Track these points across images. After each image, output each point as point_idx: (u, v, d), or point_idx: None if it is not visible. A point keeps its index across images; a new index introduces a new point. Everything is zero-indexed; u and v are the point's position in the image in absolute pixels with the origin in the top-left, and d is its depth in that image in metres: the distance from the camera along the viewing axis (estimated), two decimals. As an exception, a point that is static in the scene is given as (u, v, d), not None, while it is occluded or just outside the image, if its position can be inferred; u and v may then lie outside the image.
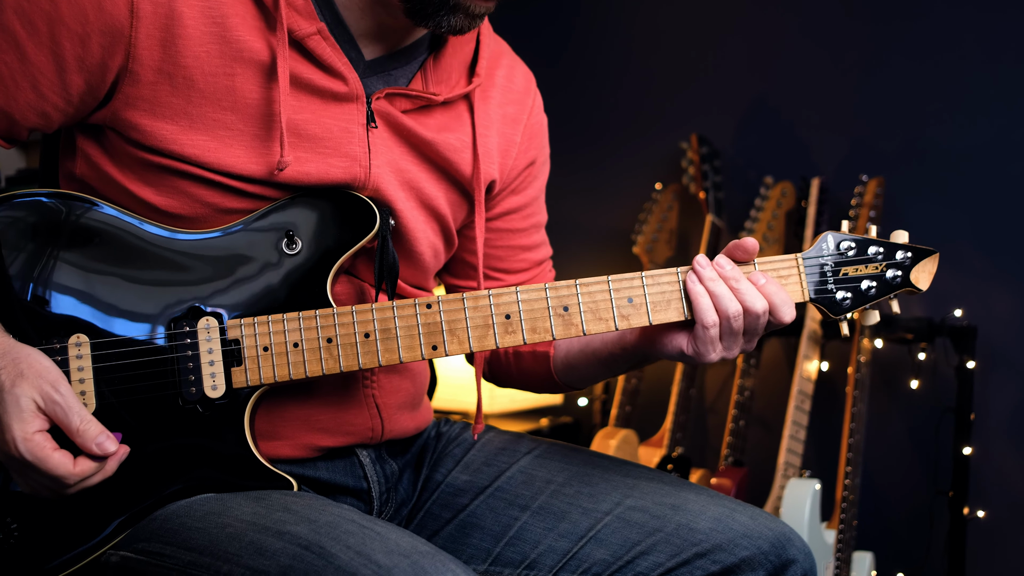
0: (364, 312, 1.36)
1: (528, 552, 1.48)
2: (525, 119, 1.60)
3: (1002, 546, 2.88)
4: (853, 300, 1.39)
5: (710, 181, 3.09)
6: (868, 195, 2.87)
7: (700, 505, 1.44)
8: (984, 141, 2.89)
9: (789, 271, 1.38)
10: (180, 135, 1.32)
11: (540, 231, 1.69)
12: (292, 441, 1.45)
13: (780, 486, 2.71)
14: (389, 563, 1.17)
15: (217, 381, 1.35)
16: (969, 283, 2.87)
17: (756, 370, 2.96)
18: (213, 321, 1.34)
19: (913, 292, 1.39)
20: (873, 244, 1.39)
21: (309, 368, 1.36)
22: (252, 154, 1.35)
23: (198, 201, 1.35)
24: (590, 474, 1.52)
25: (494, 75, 1.56)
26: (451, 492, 1.58)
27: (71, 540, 1.34)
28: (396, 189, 1.44)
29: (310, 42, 1.35)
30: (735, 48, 3.26)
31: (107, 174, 1.37)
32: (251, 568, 1.22)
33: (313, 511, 1.27)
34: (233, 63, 1.33)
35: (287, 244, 1.37)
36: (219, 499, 1.33)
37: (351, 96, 1.39)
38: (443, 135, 1.47)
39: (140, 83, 1.31)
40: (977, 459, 2.82)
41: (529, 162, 1.62)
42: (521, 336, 1.36)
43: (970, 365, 2.76)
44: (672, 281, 1.37)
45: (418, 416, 1.60)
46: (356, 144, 1.40)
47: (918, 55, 2.98)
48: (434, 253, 1.53)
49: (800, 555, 1.41)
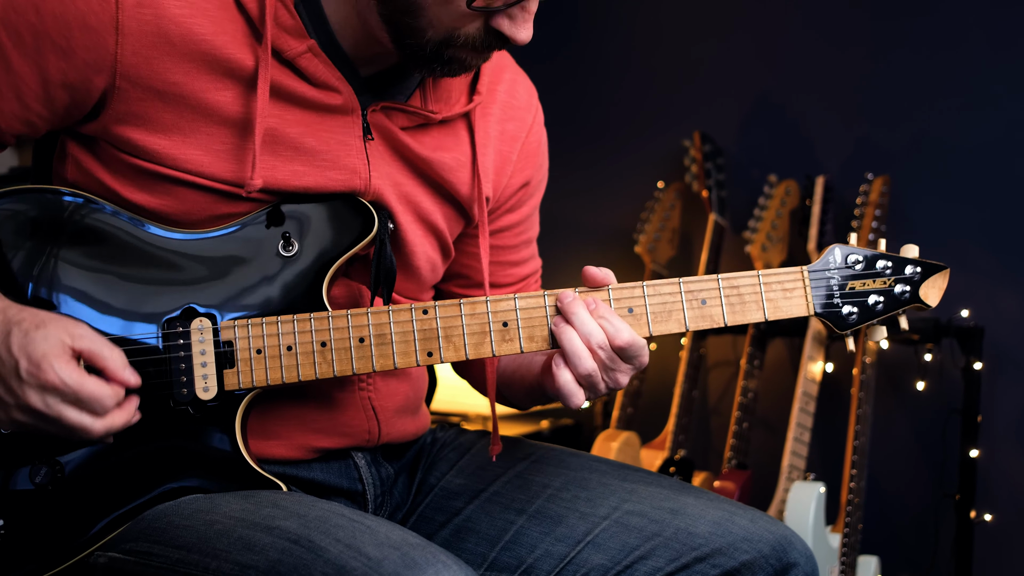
0: (359, 316, 1.35)
1: (524, 557, 1.47)
2: (524, 136, 1.59)
3: (1010, 550, 2.87)
4: (860, 315, 1.37)
5: (713, 179, 3.09)
6: (873, 194, 2.88)
7: (699, 509, 1.43)
8: (992, 138, 2.89)
9: (794, 284, 1.37)
10: (173, 149, 1.33)
11: (531, 246, 1.69)
12: (287, 441, 1.44)
13: (784, 489, 2.70)
14: (379, 555, 1.17)
15: (209, 383, 1.34)
16: (976, 283, 2.87)
17: (760, 371, 2.95)
18: (207, 322, 1.34)
19: (922, 308, 1.38)
20: (882, 258, 1.37)
21: (302, 372, 1.35)
22: (247, 168, 1.35)
23: (193, 206, 1.36)
24: (588, 478, 1.51)
25: (495, 90, 1.55)
26: (445, 495, 1.57)
27: (59, 539, 1.34)
28: (395, 201, 1.44)
29: (301, 61, 1.35)
30: (738, 44, 3.27)
31: (99, 179, 1.37)
32: (240, 563, 1.22)
33: (303, 507, 1.27)
34: (223, 78, 1.33)
35: (284, 246, 1.37)
36: (207, 498, 1.33)
37: (346, 108, 1.39)
38: (439, 154, 1.47)
39: (129, 99, 1.32)
40: (984, 462, 2.82)
41: (524, 182, 1.61)
42: (519, 344, 1.35)
43: (977, 366, 2.75)
44: (674, 292, 1.36)
45: (416, 421, 1.60)
46: (355, 156, 1.40)
47: (924, 50, 2.98)
48: (431, 267, 1.53)
49: (802, 558, 1.41)
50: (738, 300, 1.37)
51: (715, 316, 1.36)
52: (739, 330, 3.04)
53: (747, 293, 1.37)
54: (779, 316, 1.37)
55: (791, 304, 1.37)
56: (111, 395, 1.26)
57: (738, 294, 1.37)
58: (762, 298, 1.37)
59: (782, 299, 1.37)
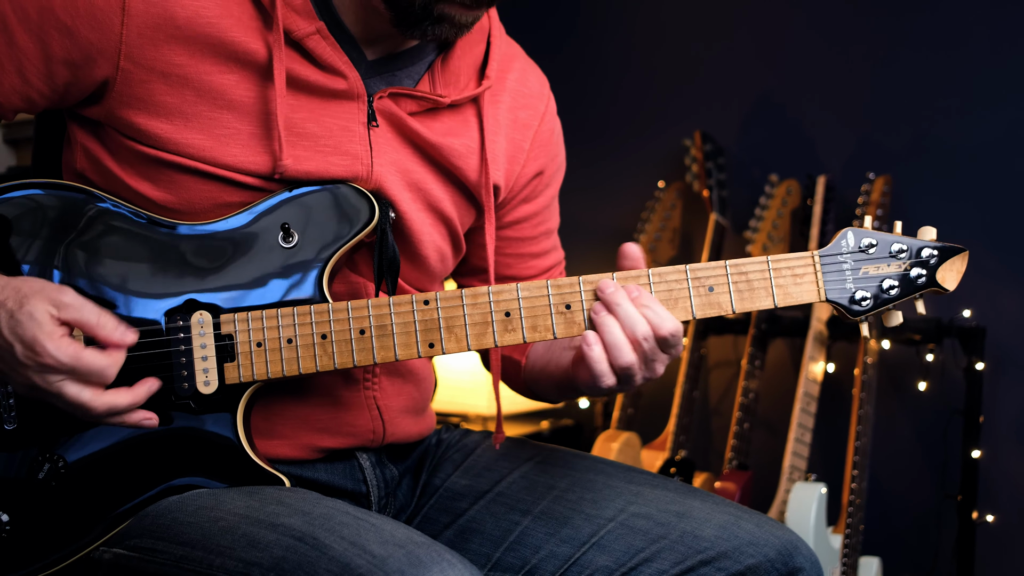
0: (360, 308, 1.34)
1: (529, 557, 1.47)
2: (536, 125, 1.58)
3: (1012, 551, 2.86)
4: (874, 301, 1.33)
5: (714, 179, 3.09)
6: (875, 193, 2.88)
7: (705, 512, 1.43)
8: (994, 137, 2.89)
9: (805, 269, 1.33)
10: (175, 134, 1.33)
11: (551, 237, 1.68)
12: (291, 441, 1.44)
13: (785, 490, 2.70)
14: (384, 553, 1.17)
15: (210, 376, 1.34)
16: (978, 283, 2.85)
17: (761, 372, 2.95)
18: (207, 315, 1.34)
19: (939, 292, 1.34)
20: (897, 241, 1.33)
21: (303, 364, 1.34)
22: (250, 152, 1.35)
23: (196, 195, 1.36)
24: (593, 480, 1.51)
25: (505, 78, 1.55)
26: (450, 496, 1.57)
27: (63, 534, 1.34)
28: (401, 190, 1.43)
29: (309, 42, 1.35)
30: (740, 42, 3.26)
31: (106, 168, 1.38)
32: (244, 560, 1.22)
33: (307, 504, 1.27)
34: (229, 62, 1.34)
35: (284, 237, 1.36)
36: (211, 494, 1.33)
37: (351, 94, 1.39)
38: (448, 139, 1.46)
39: (132, 82, 1.32)
40: (986, 462, 2.81)
41: (538, 171, 1.60)
42: (521, 334, 1.33)
43: (979, 366, 2.74)
44: (680, 279, 1.33)
45: (422, 422, 1.59)
46: (357, 142, 1.39)
47: (927, 49, 2.98)
48: (440, 257, 1.52)
49: (807, 563, 1.40)
50: (746, 287, 1.33)
51: (723, 303, 1.33)
52: (740, 330, 3.04)
53: (756, 279, 1.33)
54: (789, 303, 1.33)
55: (801, 290, 1.33)
56: (110, 363, 1.25)
57: (746, 280, 1.33)
58: (771, 284, 1.33)
59: (792, 285, 1.33)
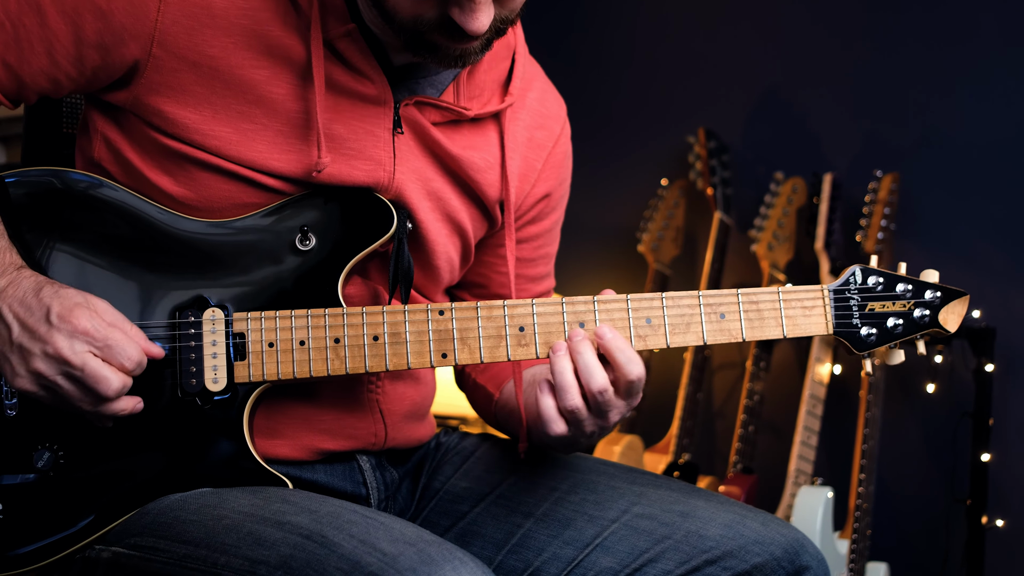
0: (374, 314, 1.36)
1: (532, 560, 1.47)
2: (551, 146, 1.60)
3: (1022, 556, 2.86)
4: (878, 337, 1.40)
5: (718, 177, 3.10)
6: (883, 191, 2.89)
7: (710, 511, 1.43)
8: (1003, 135, 2.89)
9: (814, 302, 1.40)
10: (202, 124, 1.34)
11: (548, 263, 1.69)
12: (293, 441, 1.44)
13: (791, 494, 2.71)
14: (395, 551, 1.16)
15: (219, 374, 1.35)
16: (988, 283, 2.87)
17: (766, 373, 2.96)
18: (219, 313, 1.35)
19: (940, 333, 1.41)
20: (902, 281, 1.41)
21: (314, 367, 1.36)
22: (275, 150, 1.36)
23: (216, 193, 1.37)
24: (596, 481, 1.51)
25: (526, 96, 1.57)
26: (450, 499, 1.57)
27: (59, 526, 1.34)
28: (421, 198, 1.45)
29: (340, 43, 1.37)
30: (744, 38, 3.28)
31: (125, 158, 1.38)
32: (249, 559, 1.21)
33: (313, 503, 1.28)
34: (262, 57, 1.35)
35: (301, 240, 1.38)
36: (214, 492, 1.33)
37: (378, 100, 1.40)
38: (468, 152, 1.48)
39: (163, 69, 1.34)
40: (996, 466, 2.80)
41: (545, 193, 1.61)
42: (535, 350, 1.37)
43: (988, 368, 2.75)
44: (693, 305, 1.38)
45: (423, 427, 1.60)
46: (381, 148, 1.41)
47: (934, 45, 2.99)
48: (450, 267, 1.53)
49: (814, 562, 1.41)
50: (757, 316, 1.39)
51: (733, 331, 1.38)
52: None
53: (766, 309, 1.39)
54: (797, 334, 1.39)
55: (810, 322, 1.40)
56: (137, 350, 1.28)
57: (757, 309, 1.39)
58: (781, 315, 1.39)
59: (801, 316, 1.40)
